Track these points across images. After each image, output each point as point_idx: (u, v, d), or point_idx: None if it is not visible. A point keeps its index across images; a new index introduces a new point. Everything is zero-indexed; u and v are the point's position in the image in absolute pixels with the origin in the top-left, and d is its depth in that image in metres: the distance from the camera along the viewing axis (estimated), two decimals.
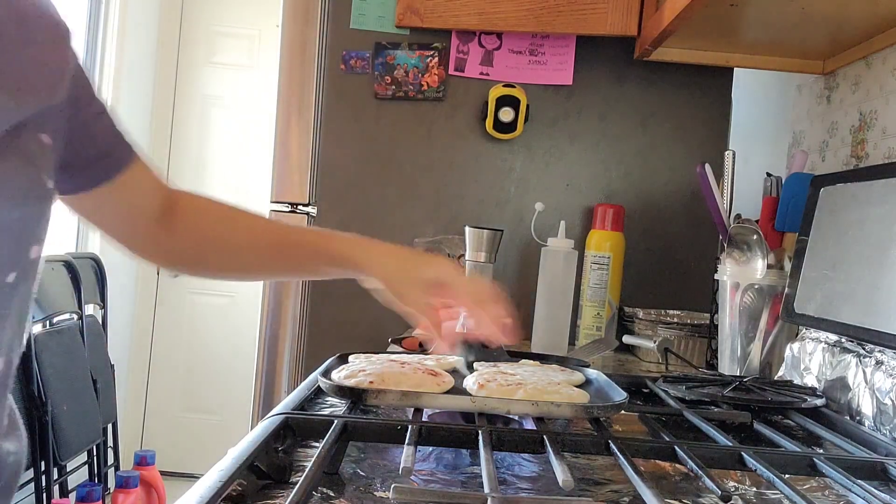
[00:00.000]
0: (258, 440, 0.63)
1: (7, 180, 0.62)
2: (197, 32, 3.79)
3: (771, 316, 1.23)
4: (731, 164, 1.33)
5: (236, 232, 0.92)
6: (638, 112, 1.71)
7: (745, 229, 1.25)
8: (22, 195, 0.64)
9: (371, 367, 0.82)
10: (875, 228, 1.00)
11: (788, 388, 1.03)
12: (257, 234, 0.93)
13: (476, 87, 1.69)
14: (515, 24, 1.62)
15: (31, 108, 0.66)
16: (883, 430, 0.90)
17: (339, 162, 1.71)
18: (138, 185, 0.87)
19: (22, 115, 0.65)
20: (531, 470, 0.72)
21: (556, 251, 1.43)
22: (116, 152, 0.83)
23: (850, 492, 0.64)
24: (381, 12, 1.68)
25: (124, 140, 0.85)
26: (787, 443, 0.77)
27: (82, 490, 2.36)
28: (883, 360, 0.93)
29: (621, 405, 0.78)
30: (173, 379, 3.69)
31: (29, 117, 0.66)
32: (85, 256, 2.90)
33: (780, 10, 1.22)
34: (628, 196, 1.70)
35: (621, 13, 1.58)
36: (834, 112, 1.42)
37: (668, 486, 0.69)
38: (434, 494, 0.57)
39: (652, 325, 1.50)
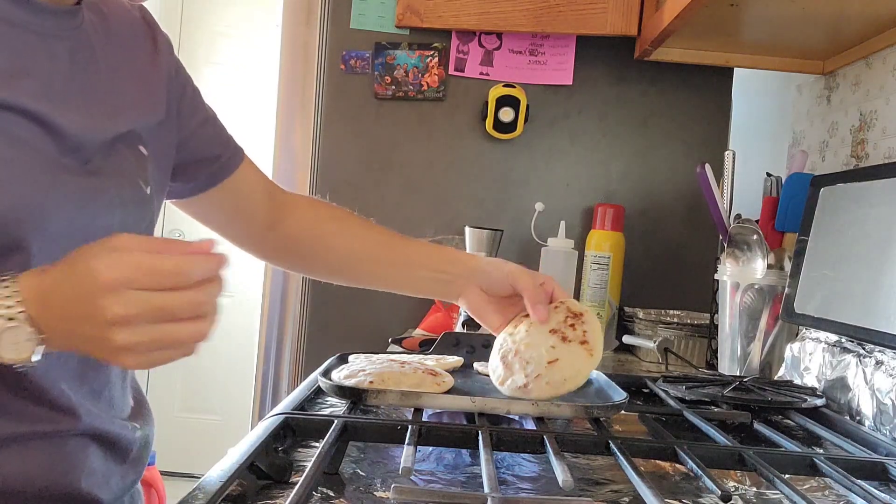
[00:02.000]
0: (258, 440, 0.63)
1: (108, 188, 0.68)
2: (197, 32, 3.79)
3: (771, 316, 1.23)
4: (731, 164, 1.33)
5: (346, 238, 0.95)
6: (638, 112, 1.71)
7: (745, 229, 1.25)
8: (120, 201, 0.69)
9: (371, 367, 0.82)
10: (875, 228, 1.00)
11: (788, 388, 1.03)
12: (370, 244, 0.95)
13: (476, 87, 1.69)
14: (515, 24, 1.62)
15: (128, 124, 0.72)
16: (883, 430, 0.90)
17: (339, 162, 1.71)
18: (247, 187, 0.93)
19: (118, 130, 0.71)
20: (531, 470, 0.72)
21: (556, 251, 1.43)
22: (224, 157, 0.89)
23: (850, 492, 0.64)
24: (381, 12, 1.68)
25: (232, 145, 0.91)
26: (787, 443, 0.77)
27: None
28: (883, 360, 0.93)
29: (621, 405, 0.78)
30: (173, 379, 3.69)
31: (127, 131, 0.72)
32: None
33: (780, 10, 1.22)
34: (628, 196, 1.70)
35: (621, 13, 1.58)
36: (834, 112, 1.42)
37: (668, 486, 0.69)
38: (434, 494, 0.57)
39: (652, 325, 1.50)
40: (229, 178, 0.90)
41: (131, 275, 0.51)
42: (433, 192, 1.72)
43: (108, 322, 0.51)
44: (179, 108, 0.83)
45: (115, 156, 0.70)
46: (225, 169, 0.90)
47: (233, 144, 0.92)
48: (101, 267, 0.52)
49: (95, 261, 0.52)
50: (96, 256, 0.52)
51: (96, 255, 0.53)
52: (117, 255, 0.52)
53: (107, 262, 0.52)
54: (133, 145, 0.74)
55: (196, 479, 0.57)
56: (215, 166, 0.89)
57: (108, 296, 0.51)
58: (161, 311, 0.52)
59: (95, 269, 0.52)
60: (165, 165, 0.81)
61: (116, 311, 0.51)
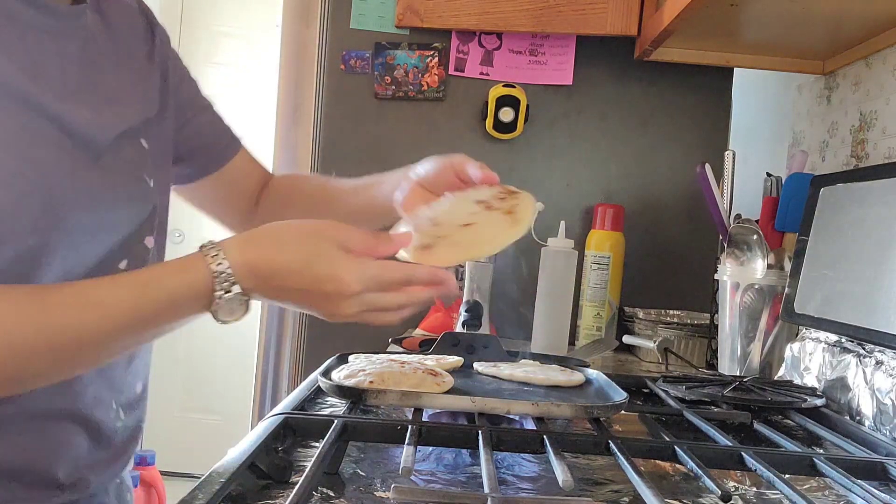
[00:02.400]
0: (258, 440, 0.63)
1: (117, 184, 0.71)
2: (197, 32, 3.79)
3: (771, 316, 1.23)
4: (731, 164, 1.33)
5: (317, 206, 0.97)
6: (638, 112, 1.71)
7: (745, 229, 1.25)
8: (128, 196, 0.73)
9: (371, 367, 0.82)
10: (875, 228, 1.00)
11: (788, 388, 1.03)
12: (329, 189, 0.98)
13: (476, 87, 1.69)
14: (515, 24, 1.62)
15: (131, 120, 0.75)
16: (883, 430, 0.90)
17: (339, 162, 1.71)
18: (243, 176, 0.95)
19: (123, 126, 0.73)
20: (531, 470, 0.72)
21: (556, 251, 1.43)
22: (222, 144, 0.92)
23: (850, 492, 0.64)
24: (381, 12, 1.68)
25: (229, 134, 0.94)
26: (787, 443, 0.77)
27: None
28: (883, 360, 0.93)
29: (621, 405, 0.78)
30: (173, 379, 3.69)
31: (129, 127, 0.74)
32: None
33: (780, 10, 1.22)
34: (628, 196, 1.70)
35: (621, 13, 1.58)
36: (834, 112, 1.42)
37: (669, 486, 0.69)
38: (434, 494, 0.57)
39: (652, 325, 1.50)
40: (225, 166, 0.93)
41: (369, 286, 0.65)
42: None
43: (338, 315, 0.66)
44: (177, 99, 0.85)
45: (121, 151, 0.73)
46: (221, 157, 0.92)
47: (230, 134, 0.94)
48: (347, 278, 0.64)
49: (339, 269, 0.64)
50: (337, 263, 0.64)
51: (336, 260, 0.64)
52: (358, 266, 0.65)
53: (352, 274, 0.64)
54: (135, 140, 0.76)
55: (196, 479, 0.57)
56: (212, 155, 0.91)
57: (349, 300, 0.65)
58: (379, 307, 0.67)
59: (341, 278, 0.64)
60: (165, 157, 0.82)
61: (351, 311, 0.66)
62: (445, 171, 0.83)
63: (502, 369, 0.92)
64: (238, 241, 0.65)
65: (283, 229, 0.66)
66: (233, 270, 0.62)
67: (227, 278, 0.62)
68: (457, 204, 0.78)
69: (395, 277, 0.66)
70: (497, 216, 0.74)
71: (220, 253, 0.63)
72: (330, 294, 0.64)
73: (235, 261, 0.63)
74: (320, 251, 0.64)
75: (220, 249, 0.63)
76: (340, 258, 0.64)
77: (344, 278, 0.64)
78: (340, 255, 0.64)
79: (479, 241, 0.72)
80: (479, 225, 0.73)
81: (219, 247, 0.64)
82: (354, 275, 0.64)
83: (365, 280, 0.64)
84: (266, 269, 0.64)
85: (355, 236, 0.66)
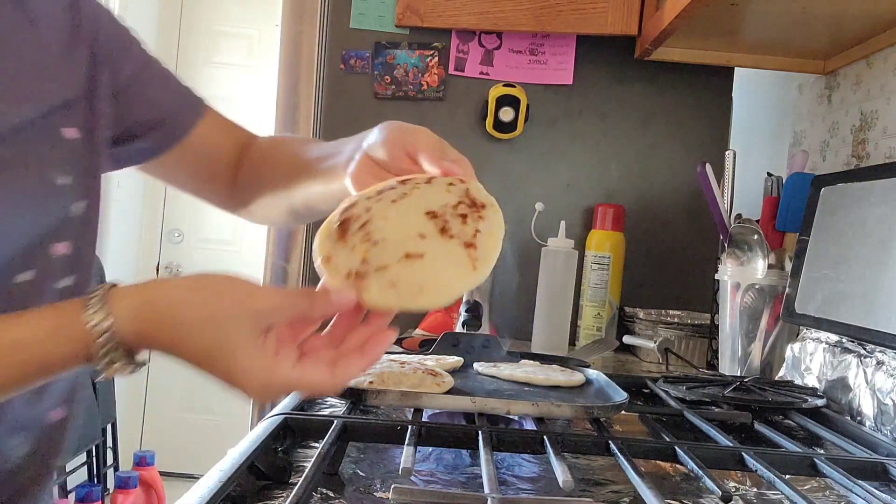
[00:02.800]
0: (258, 440, 0.63)
1: (9, 183, 0.61)
2: (197, 32, 3.79)
3: (771, 316, 1.22)
4: (731, 163, 1.33)
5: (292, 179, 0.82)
6: (638, 112, 1.71)
7: (746, 229, 1.25)
8: (24, 197, 0.63)
9: (371, 368, 0.81)
10: (876, 228, 1.00)
11: (789, 388, 1.03)
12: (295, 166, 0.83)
13: (476, 87, 1.69)
14: (515, 24, 1.62)
15: (41, 108, 0.66)
16: (884, 431, 0.89)
17: None
18: (211, 141, 0.84)
19: (25, 116, 0.64)
20: (531, 470, 0.72)
21: (557, 251, 1.43)
22: (180, 113, 0.81)
23: (851, 492, 0.64)
24: (381, 12, 1.68)
25: (190, 98, 0.82)
26: (788, 443, 0.77)
27: (81, 490, 2.35)
28: (884, 360, 0.93)
29: (621, 405, 0.78)
30: (173, 379, 3.68)
31: (39, 116, 0.65)
32: None
33: (780, 10, 1.22)
34: (628, 196, 1.69)
35: (621, 12, 1.58)
36: (835, 112, 1.42)
37: (669, 486, 0.69)
38: (434, 495, 0.57)
39: (652, 326, 1.50)
40: (188, 137, 0.81)
41: (281, 387, 0.54)
42: None
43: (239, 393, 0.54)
44: (117, 75, 0.75)
45: (25, 144, 0.64)
46: (180, 128, 0.81)
47: (189, 100, 0.82)
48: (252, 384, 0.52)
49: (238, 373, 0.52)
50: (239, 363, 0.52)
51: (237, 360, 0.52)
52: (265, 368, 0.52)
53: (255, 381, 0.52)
54: (51, 131, 0.66)
55: (196, 480, 0.57)
56: (169, 127, 0.80)
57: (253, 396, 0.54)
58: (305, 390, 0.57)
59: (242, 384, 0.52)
60: (100, 144, 0.72)
61: (257, 400, 0.56)
62: (395, 149, 0.66)
63: (502, 369, 0.92)
64: (130, 306, 0.53)
65: (184, 307, 0.53)
66: (118, 337, 0.52)
67: (109, 342, 0.52)
68: (403, 210, 0.59)
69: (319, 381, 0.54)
70: (453, 249, 0.56)
71: (106, 313, 0.52)
72: (230, 379, 0.53)
73: (124, 328, 0.52)
74: (223, 344, 0.52)
75: (107, 308, 0.52)
76: (244, 357, 0.52)
77: (245, 385, 0.52)
78: (247, 350, 0.52)
79: (424, 286, 0.55)
80: (427, 261, 0.55)
81: (106, 305, 0.52)
82: (258, 381, 0.52)
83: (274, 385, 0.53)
84: (160, 346, 0.53)
85: (279, 308, 0.54)
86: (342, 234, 0.58)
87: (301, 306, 0.55)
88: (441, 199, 0.59)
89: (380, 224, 0.58)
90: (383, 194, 0.61)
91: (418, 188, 0.61)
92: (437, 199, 0.59)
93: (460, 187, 0.61)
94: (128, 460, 2.69)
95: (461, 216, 0.57)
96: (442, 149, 0.66)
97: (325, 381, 0.54)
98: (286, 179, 0.81)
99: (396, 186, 0.62)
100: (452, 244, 0.56)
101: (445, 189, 0.60)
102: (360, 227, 0.58)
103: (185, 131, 0.81)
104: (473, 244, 0.56)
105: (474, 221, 0.57)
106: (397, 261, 0.55)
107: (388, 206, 0.59)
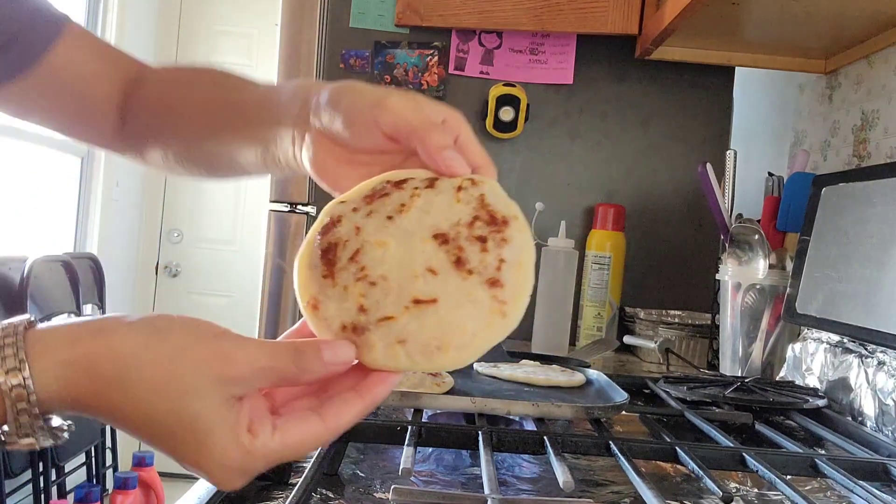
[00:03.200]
0: None
1: None
2: (197, 32, 3.79)
3: (772, 316, 1.22)
4: (732, 163, 1.32)
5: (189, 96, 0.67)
6: (639, 111, 1.70)
7: (747, 229, 1.25)
8: None
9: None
10: (877, 228, 1.00)
11: (790, 388, 1.03)
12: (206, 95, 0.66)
13: (476, 87, 1.68)
14: (516, 23, 1.62)
15: None
16: (885, 431, 0.89)
17: None
18: (79, 65, 0.69)
19: None
20: (531, 471, 0.71)
21: (557, 251, 1.42)
22: (35, 30, 0.67)
23: (852, 493, 0.64)
24: (381, 11, 1.67)
25: (48, 13, 0.68)
26: (789, 444, 0.77)
27: (80, 491, 2.35)
28: (885, 360, 0.93)
29: (622, 406, 0.78)
30: None
31: None
32: (83, 256, 2.89)
33: (781, 9, 1.22)
34: (629, 196, 1.69)
35: (622, 12, 1.57)
36: (836, 111, 1.42)
37: (670, 487, 0.68)
38: (434, 496, 0.56)
39: (653, 326, 1.50)
40: (45, 56, 0.66)
41: (258, 471, 0.43)
42: None
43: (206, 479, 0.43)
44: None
45: None
46: (32, 48, 0.66)
47: (46, 15, 0.67)
48: (226, 473, 0.42)
49: (218, 443, 0.41)
50: (216, 434, 0.41)
51: (215, 429, 0.40)
52: (245, 454, 0.41)
53: (233, 466, 0.41)
54: None
55: (195, 480, 0.56)
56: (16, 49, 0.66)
57: (226, 486, 0.43)
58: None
59: (216, 467, 0.41)
60: None
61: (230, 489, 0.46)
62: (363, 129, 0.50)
63: (502, 370, 0.91)
64: (58, 362, 0.40)
65: (135, 368, 0.40)
66: (38, 397, 0.39)
67: (26, 406, 0.39)
68: (402, 230, 0.46)
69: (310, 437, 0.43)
70: (473, 290, 0.44)
71: (20, 357, 0.39)
72: (198, 469, 0.42)
73: (46, 390, 0.39)
74: (186, 421, 0.40)
75: (22, 353, 0.39)
76: (214, 439, 0.41)
77: (217, 474, 0.42)
78: (218, 430, 0.41)
79: (442, 342, 0.43)
80: (441, 308, 0.43)
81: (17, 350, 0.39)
82: (232, 468, 0.42)
83: (253, 470, 0.43)
84: (97, 413, 0.41)
85: (258, 374, 0.42)
86: (329, 266, 0.46)
87: (288, 372, 0.42)
88: (451, 212, 0.47)
89: (376, 254, 0.45)
90: (374, 205, 0.48)
91: (418, 196, 0.48)
92: (445, 212, 0.47)
93: (473, 193, 0.48)
94: (127, 461, 2.68)
95: (479, 239, 0.45)
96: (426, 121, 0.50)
97: (317, 432, 0.43)
98: (196, 128, 0.65)
99: (390, 192, 0.48)
100: (472, 283, 0.44)
101: (454, 196, 0.47)
102: (350, 257, 0.45)
103: (40, 50, 0.66)
104: (499, 281, 0.44)
105: (497, 247, 0.45)
106: (404, 309, 0.43)
107: (382, 225, 0.46)
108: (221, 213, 3.84)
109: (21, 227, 2.99)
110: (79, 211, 3.35)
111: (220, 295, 3.80)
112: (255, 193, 3.71)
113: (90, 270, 2.88)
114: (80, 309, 2.69)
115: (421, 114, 0.50)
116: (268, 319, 1.74)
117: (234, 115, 0.61)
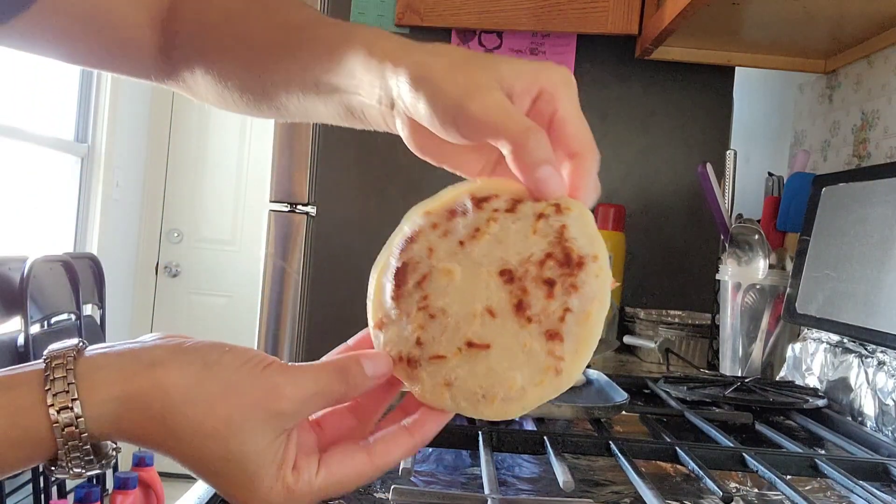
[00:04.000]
0: None
1: None
2: None
3: (772, 316, 1.22)
4: (732, 163, 1.32)
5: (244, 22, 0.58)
6: (639, 111, 1.70)
7: (747, 229, 1.25)
8: None
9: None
10: (877, 228, 1.00)
11: (790, 388, 1.03)
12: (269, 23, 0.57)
13: None
14: (516, 23, 1.61)
15: None
16: (885, 431, 0.89)
17: (339, 162, 1.70)
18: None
19: None
20: (531, 471, 0.71)
21: None
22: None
23: (852, 493, 0.64)
24: (381, 11, 1.67)
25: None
26: (789, 444, 0.77)
27: (80, 491, 2.35)
28: (885, 360, 0.93)
29: (622, 406, 0.78)
30: None
31: None
32: (83, 256, 2.89)
33: (781, 9, 1.22)
34: (629, 196, 1.69)
35: (622, 12, 1.57)
36: (836, 111, 1.42)
37: (670, 487, 0.68)
38: (434, 496, 0.56)
39: (653, 326, 1.50)
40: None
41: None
42: (434, 191, 1.71)
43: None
44: None
45: None
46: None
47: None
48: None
49: (266, 481, 0.40)
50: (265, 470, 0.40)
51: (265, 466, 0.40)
52: (288, 491, 0.41)
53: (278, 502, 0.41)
54: None
55: (195, 481, 0.56)
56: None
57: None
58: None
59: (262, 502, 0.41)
60: None
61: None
62: (450, 131, 0.45)
63: None
64: (109, 398, 0.39)
65: (187, 407, 0.40)
66: (90, 433, 0.39)
67: (78, 442, 0.39)
68: (470, 270, 0.43)
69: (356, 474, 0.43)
70: (529, 341, 0.41)
71: (72, 395, 0.38)
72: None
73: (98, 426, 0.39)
74: (236, 458, 0.40)
75: (73, 388, 0.38)
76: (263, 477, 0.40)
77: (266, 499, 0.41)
78: (267, 467, 0.40)
79: (488, 393, 0.41)
80: (493, 356, 0.41)
81: (68, 385, 0.38)
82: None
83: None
84: (147, 446, 0.41)
85: (309, 402, 0.42)
86: (398, 288, 0.44)
87: (336, 393, 0.42)
88: (524, 245, 0.42)
89: (441, 283, 0.43)
90: (451, 223, 0.45)
91: (495, 221, 0.43)
92: (518, 245, 0.42)
93: (554, 224, 0.43)
94: (127, 461, 2.69)
95: (546, 283, 0.41)
96: (521, 126, 0.43)
97: (363, 469, 0.43)
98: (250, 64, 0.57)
99: (469, 211, 0.45)
100: (530, 332, 0.40)
101: (532, 225, 0.43)
102: (417, 282, 0.43)
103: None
104: (558, 334, 0.40)
105: (564, 293, 0.41)
106: (457, 350, 0.41)
107: (453, 250, 0.43)
108: (221, 214, 3.84)
109: (21, 227, 3.00)
110: (79, 211, 3.35)
111: (220, 295, 3.80)
112: (255, 193, 3.71)
113: (90, 270, 2.88)
114: (80, 309, 2.69)
115: (512, 119, 0.43)
116: (268, 319, 1.74)
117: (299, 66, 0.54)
